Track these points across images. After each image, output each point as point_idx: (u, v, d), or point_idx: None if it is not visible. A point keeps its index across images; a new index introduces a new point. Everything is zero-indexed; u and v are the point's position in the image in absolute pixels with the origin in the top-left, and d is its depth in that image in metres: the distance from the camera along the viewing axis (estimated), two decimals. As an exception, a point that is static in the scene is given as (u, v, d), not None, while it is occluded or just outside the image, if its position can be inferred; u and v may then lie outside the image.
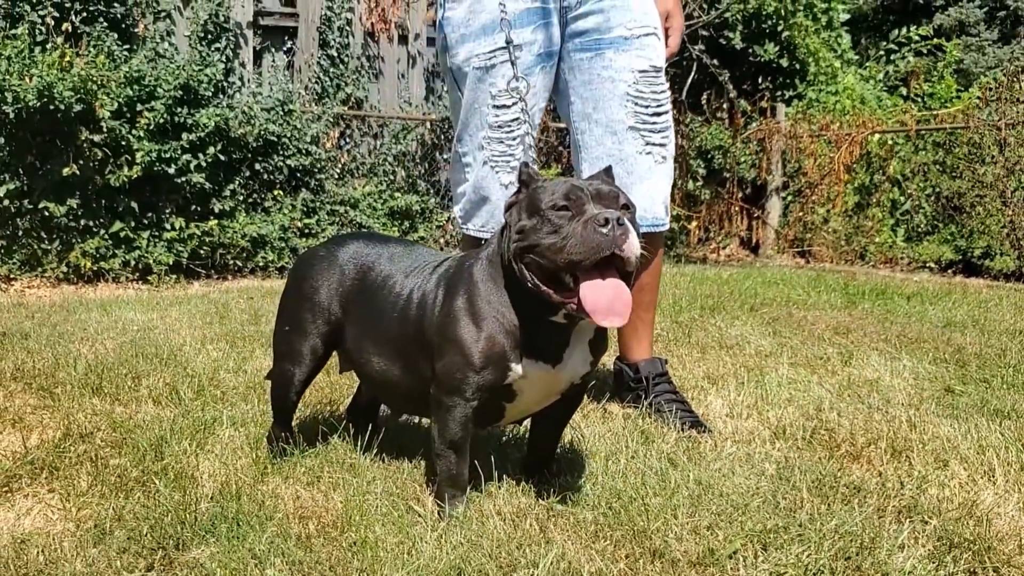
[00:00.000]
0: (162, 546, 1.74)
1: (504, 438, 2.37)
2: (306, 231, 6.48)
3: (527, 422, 2.11)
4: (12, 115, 5.25)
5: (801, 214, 8.42)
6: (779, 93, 10.25)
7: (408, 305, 1.96)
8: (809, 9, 10.41)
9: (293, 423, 2.32)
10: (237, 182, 6.29)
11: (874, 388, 2.84)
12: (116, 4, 6.10)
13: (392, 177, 7.04)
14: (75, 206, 5.62)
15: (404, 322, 1.96)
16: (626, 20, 2.42)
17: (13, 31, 5.54)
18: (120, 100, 5.59)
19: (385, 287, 2.02)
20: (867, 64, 10.61)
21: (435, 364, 1.85)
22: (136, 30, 6.17)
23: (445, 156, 7.23)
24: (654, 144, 2.46)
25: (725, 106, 8.94)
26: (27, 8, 5.78)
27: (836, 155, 7.96)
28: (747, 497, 1.91)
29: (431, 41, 7.52)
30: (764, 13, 10.04)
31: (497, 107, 2.41)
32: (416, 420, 2.54)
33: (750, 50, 10.35)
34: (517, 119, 2.43)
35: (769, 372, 3.02)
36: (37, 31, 5.70)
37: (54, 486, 2.09)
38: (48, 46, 5.66)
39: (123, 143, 5.63)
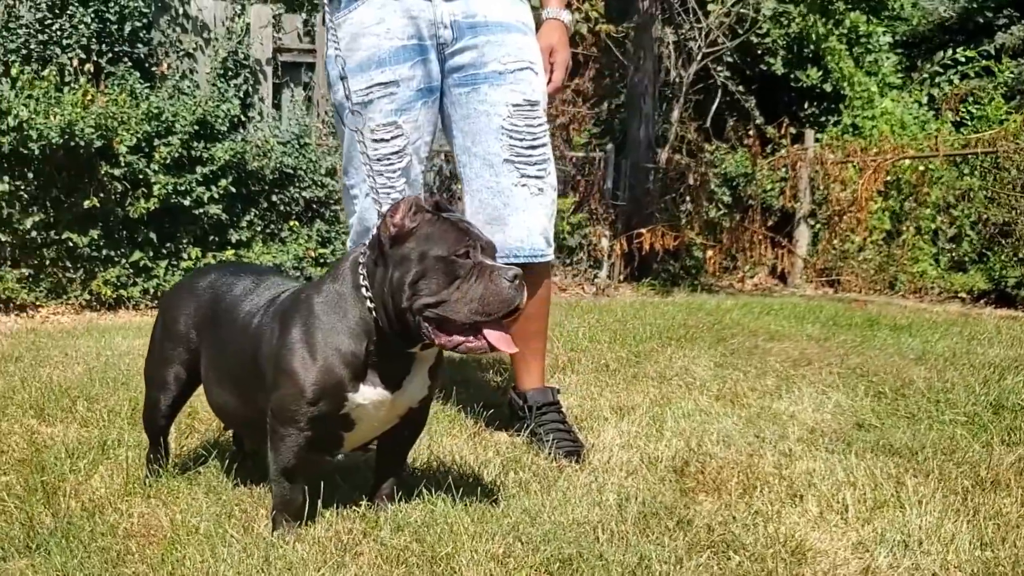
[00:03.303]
0: (-9, 558, 1.86)
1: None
2: (320, 260, 6.66)
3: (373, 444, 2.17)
4: (37, 151, 5.55)
5: (830, 242, 8.25)
6: (823, 118, 10.11)
7: (245, 335, 2.04)
8: (854, 31, 10.25)
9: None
10: (254, 213, 6.51)
11: (778, 421, 2.81)
12: (140, 44, 6.42)
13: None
14: (97, 237, 5.90)
15: (241, 352, 2.04)
16: (500, 55, 2.49)
17: (42, 72, 5.87)
18: (139, 135, 5.86)
19: (228, 317, 2.11)
20: (910, 87, 10.35)
21: (270, 395, 1.93)
22: (156, 69, 6.47)
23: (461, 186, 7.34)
24: (529, 176, 2.51)
25: (752, 132, 8.85)
26: (57, 51, 6.13)
27: (861, 182, 7.78)
28: (566, 527, 1.94)
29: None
30: (806, 37, 9.93)
31: (376, 141, 2.50)
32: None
33: (792, 75, 10.24)
34: (397, 152, 2.51)
35: (682, 403, 3.01)
36: (66, 72, 6.04)
37: None
38: (74, 85, 5.98)
39: (141, 176, 5.90)
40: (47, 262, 5.84)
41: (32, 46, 6.07)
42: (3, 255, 5.66)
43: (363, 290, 1.88)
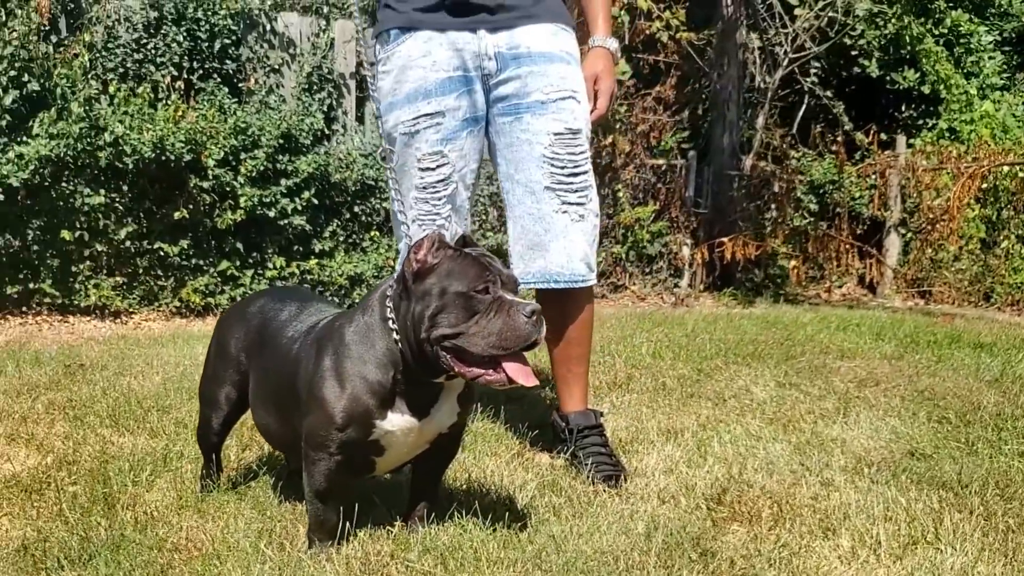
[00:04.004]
0: (45, 568, 1.99)
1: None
2: (399, 269, 6.80)
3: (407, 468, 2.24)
4: (131, 165, 5.84)
5: (921, 252, 7.99)
6: (921, 121, 9.78)
7: (286, 360, 2.13)
8: (955, 31, 9.89)
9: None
10: (336, 224, 6.70)
11: (827, 448, 2.76)
12: (228, 61, 6.68)
13: (485, 217, 7.28)
14: (187, 247, 6.17)
15: (282, 376, 2.13)
16: (542, 85, 2.53)
17: (137, 89, 6.17)
18: (226, 149, 6.10)
19: (272, 342, 2.21)
20: (1017, 87, 9.89)
21: (303, 419, 2.02)
22: (244, 85, 6.72)
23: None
24: (570, 203, 2.54)
25: (840, 139, 8.63)
26: (151, 69, 6.44)
27: (953, 190, 7.51)
28: (588, 556, 1.96)
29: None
30: (900, 39, 9.62)
31: (422, 169, 2.57)
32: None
33: (888, 77, 9.93)
34: (443, 180, 2.58)
35: (732, 427, 2.99)
36: (159, 89, 6.33)
37: (24, 506, 2.39)
38: (168, 101, 6.26)
39: (228, 189, 6.15)
40: (140, 271, 6.13)
41: (128, 65, 6.39)
42: (99, 264, 5.97)
43: (390, 322, 1.94)
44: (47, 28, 6.12)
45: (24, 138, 5.62)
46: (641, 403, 3.35)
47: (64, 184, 5.71)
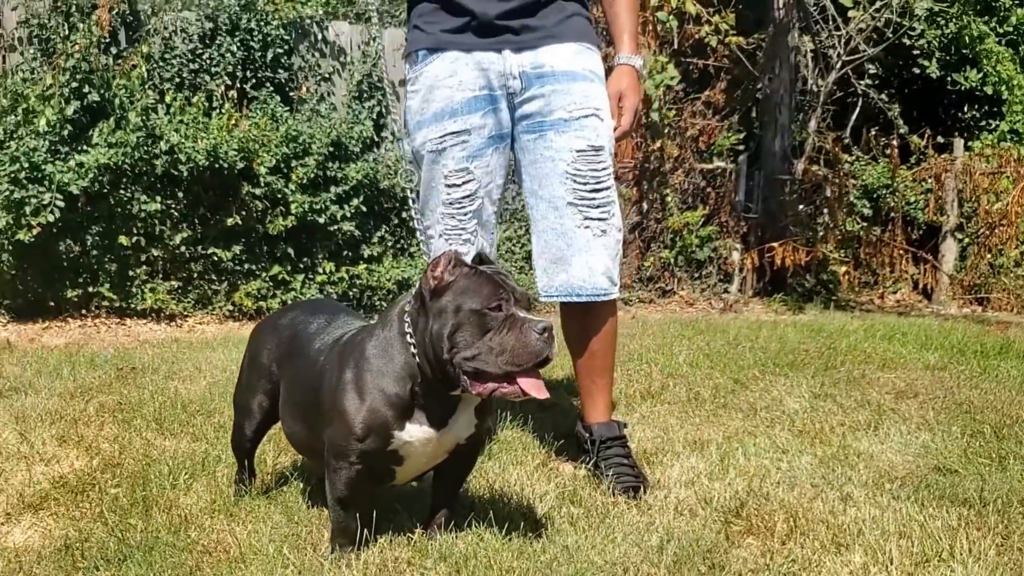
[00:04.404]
0: (83, 567, 2.10)
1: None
2: (446, 274, 6.88)
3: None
4: (186, 173, 6.03)
5: (979, 257, 7.83)
6: (984, 122, 9.57)
7: (312, 372, 2.21)
8: (1019, 30, 9.65)
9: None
10: (385, 229, 6.83)
11: (852, 462, 2.76)
12: (281, 70, 6.84)
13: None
14: (239, 252, 6.33)
15: (309, 387, 2.22)
16: (566, 103, 2.58)
17: (192, 98, 6.36)
18: (278, 157, 6.25)
19: (301, 354, 2.30)
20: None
21: (326, 429, 2.10)
22: (294, 93, 6.87)
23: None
24: (592, 219, 2.59)
25: (895, 142, 8.49)
26: (206, 78, 6.62)
27: (1012, 194, 7.35)
28: (598, 567, 2.00)
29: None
30: (960, 39, 9.42)
31: (449, 186, 2.64)
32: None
33: (948, 78, 9.72)
34: (469, 196, 2.64)
35: (759, 439, 3.00)
36: (214, 98, 6.51)
37: (69, 507, 2.51)
38: (222, 110, 6.44)
39: (279, 196, 6.30)
40: (194, 275, 6.31)
41: (184, 75, 6.58)
42: (155, 268, 6.17)
43: (408, 337, 2.01)
44: (107, 40, 6.33)
45: (84, 147, 5.84)
46: (671, 414, 3.37)
47: (122, 191, 5.91)
